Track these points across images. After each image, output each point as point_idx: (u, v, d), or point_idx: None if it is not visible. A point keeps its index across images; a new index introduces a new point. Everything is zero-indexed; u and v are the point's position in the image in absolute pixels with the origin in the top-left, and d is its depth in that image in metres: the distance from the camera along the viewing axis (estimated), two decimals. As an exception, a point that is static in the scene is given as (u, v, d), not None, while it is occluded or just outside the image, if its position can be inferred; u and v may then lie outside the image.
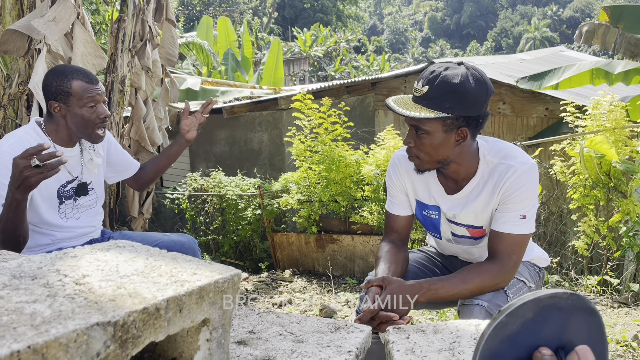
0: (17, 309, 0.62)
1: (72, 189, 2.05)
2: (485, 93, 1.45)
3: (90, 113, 1.93)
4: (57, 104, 1.91)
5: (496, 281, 1.47)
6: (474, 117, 1.46)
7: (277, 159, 7.01)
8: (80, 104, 1.91)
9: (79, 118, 1.93)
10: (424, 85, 1.44)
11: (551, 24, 44.45)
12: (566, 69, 5.27)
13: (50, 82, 1.91)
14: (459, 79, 1.40)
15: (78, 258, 0.83)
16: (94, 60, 3.50)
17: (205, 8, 29.25)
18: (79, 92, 1.90)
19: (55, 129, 1.97)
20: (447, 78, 1.41)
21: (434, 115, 1.42)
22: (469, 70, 1.44)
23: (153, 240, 2.15)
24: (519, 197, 1.49)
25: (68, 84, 1.89)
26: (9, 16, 3.62)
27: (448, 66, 1.44)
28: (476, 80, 1.42)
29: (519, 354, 0.58)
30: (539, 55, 11.33)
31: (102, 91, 1.96)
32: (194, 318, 0.76)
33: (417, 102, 1.46)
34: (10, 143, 1.86)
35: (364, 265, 4.65)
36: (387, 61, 26.94)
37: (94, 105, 1.93)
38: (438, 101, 1.42)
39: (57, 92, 1.89)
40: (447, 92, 1.41)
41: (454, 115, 1.42)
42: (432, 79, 1.43)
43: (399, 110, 1.45)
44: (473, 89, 1.41)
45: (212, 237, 5.66)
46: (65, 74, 1.91)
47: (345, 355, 0.97)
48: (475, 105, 1.44)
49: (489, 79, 1.47)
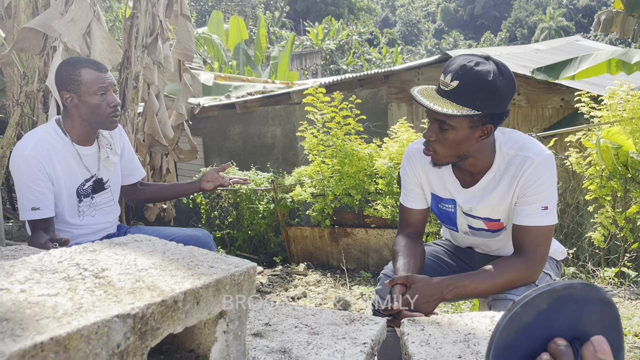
0: (40, 302, 0.64)
1: (89, 187, 2.08)
2: (512, 89, 1.42)
3: (100, 101, 1.95)
4: (69, 94, 1.94)
5: (526, 275, 1.45)
6: (499, 113, 1.44)
7: (290, 153, 7.03)
8: (90, 92, 1.93)
9: (90, 106, 1.95)
10: (452, 80, 1.40)
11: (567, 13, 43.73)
12: (582, 59, 5.18)
13: (61, 72, 1.95)
14: (492, 75, 1.37)
15: (97, 252, 0.85)
16: (110, 55, 3.55)
17: (217, 3, 29.29)
18: (88, 80, 1.93)
19: (72, 125, 2.00)
20: (479, 74, 1.37)
21: (464, 112, 1.38)
22: (499, 67, 1.40)
23: (169, 234, 2.17)
24: (538, 189, 1.47)
25: (77, 73, 1.92)
26: (23, 14, 3.66)
27: (478, 61, 1.40)
28: (505, 77, 1.40)
29: (533, 344, 0.58)
30: (554, 45, 11.17)
31: (111, 79, 1.98)
32: (211, 310, 0.77)
33: (445, 96, 1.42)
34: (33, 144, 1.90)
35: (378, 259, 4.65)
36: (400, 53, 26.78)
37: (104, 93, 1.96)
38: (469, 98, 1.38)
39: (68, 82, 1.93)
40: (479, 89, 1.37)
41: (483, 112, 1.40)
42: (463, 75, 1.38)
43: (427, 104, 1.42)
44: (503, 86, 1.39)
45: (226, 231, 5.70)
46: (75, 64, 1.95)
47: (360, 347, 0.98)
48: (503, 102, 1.42)
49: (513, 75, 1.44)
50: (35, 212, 1.89)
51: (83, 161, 2.05)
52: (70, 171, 2.01)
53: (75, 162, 2.02)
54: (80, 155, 2.03)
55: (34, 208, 1.88)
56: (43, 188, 1.90)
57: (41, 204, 1.90)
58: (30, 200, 1.88)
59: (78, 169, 2.03)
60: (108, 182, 2.16)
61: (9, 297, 0.64)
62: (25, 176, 1.87)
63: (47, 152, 1.92)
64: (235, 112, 7.15)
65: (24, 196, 1.89)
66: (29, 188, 1.87)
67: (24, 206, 1.90)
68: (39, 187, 1.89)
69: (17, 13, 3.67)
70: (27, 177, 1.87)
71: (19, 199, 1.91)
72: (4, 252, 1.34)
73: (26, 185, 1.88)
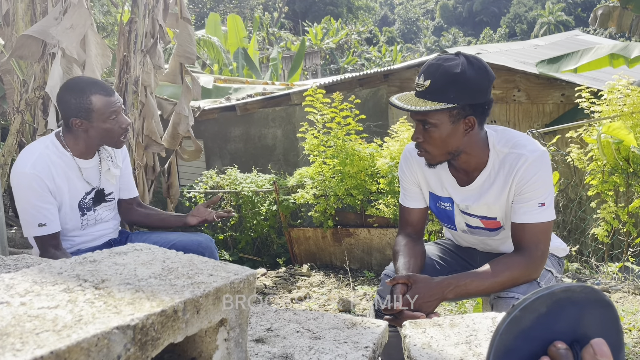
0: (40, 315, 0.64)
1: (90, 200, 2.08)
2: (487, 79, 1.45)
3: (113, 125, 1.95)
4: (79, 121, 1.91)
5: (527, 272, 1.46)
6: (480, 104, 1.46)
7: (291, 154, 7.03)
8: (103, 118, 1.92)
9: (102, 131, 1.94)
10: (425, 79, 1.44)
11: (566, 7, 43.62)
12: (584, 52, 5.19)
13: (68, 99, 1.90)
14: (460, 68, 1.41)
15: (97, 262, 0.85)
16: (102, 60, 3.58)
17: (216, 5, 29.31)
18: (100, 108, 1.90)
19: (74, 141, 1.99)
20: (447, 69, 1.42)
21: (439, 106, 1.42)
22: (468, 59, 1.44)
23: (171, 240, 2.17)
24: (534, 186, 1.48)
25: (88, 101, 1.89)
26: (21, 22, 3.67)
27: (447, 57, 1.45)
28: (476, 68, 1.43)
29: (533, 348, 0.58)
30: (554, 40, 11.16)
31: (120, 101, 1.98)
32: (211, 319, 0.77)
33: (421, 96, 1.46)
34: (33, 162, 1.87)
35: (381, 258, 4.65)
36: (399, 52, 26.78)
37: (115, 117, 1.95)
38: (442, 92, 1.42)
39: (78, 110, 1.89)
40: (449, 82, 1.41)
41: (459, 104, 1.43)
42: (433, 72, 1.43)
43: (403, 106, 1.46)
44: (474, 76, 1.42)
45: (229, 233, 5.70)
46: (84, 90, 1.90)
47: (362, 351, 0.98)
48: (479, 93, 1.44)
49: (488, 65, 1.48)
50: (42, 228, 1.87)
51: (83, 175, 2.03)
52: (71, 185, 1.99)
53: (76, 176, 2.01)
54: (80, 168, 2.02)
55: (40, 224, 1.86)
56: (47, 204, 1.89)
57: (47, 219, 1.88)
58: (35, 216, 1.86)
59: (79, 183, 2.02)
60: (111, 195, 2.16)
61: (9, 311, 0.64)
62: (29, 194, 1.85)
63: (48, 168, 1.90)
64: (236, 114, 7.16)
65: (28, 213, 1.87)
66: (34, 206, 1.86)
67: (28, 223, 1.87)
68: (43, 203, 1.87)
69: (15, 20, 3.68)
70: (30, 195, 1.85)
71: (22, 216, 1.89)
72: (6, 261, 1.34)
73: (30, 203, 1.86)
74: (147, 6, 4.24)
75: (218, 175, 5.91)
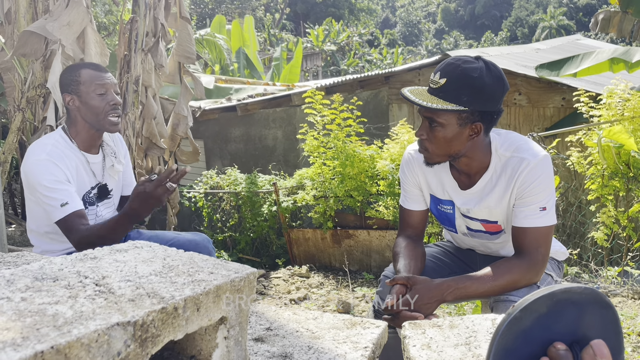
0: (40, 311, 0.64)
1: (94, 195, 2.08)
2: (501, 88, 1.44)
3: (100, 100, 1.95)
4: (70, 96, 1.95)
5: (528, 276, 1.45)
6: (489, 112, 1.45)
7: (291, 156, 7.03)
8: (89, 91, 1.94)
9: (90, 107, 1.95)
10: (441, 77, 1.43)
11: (567, 11, 43.64)
12: (584, 57, 5.19)
13: (62, 77, 2.00)
14: (478, 72, 1.40)
15: (98, 259, 0.85)
16: (101, 58, 3.61)
17: (218, 6, 29.32)
18: (87, 80, 1.94)
19: (77, 131, 2.01)
20: (465, 71, 1.40)
21: (450, 107, 1.41)
22: (487, 65, 1.43)
23: (168, 239, 2.16)
24: (536, 190, 1.47)
25: (77, 74, 1.95)
26: (23, 20, 3.68)
27: (466, 59, 1.44)
28: (493, 75, 1.42)
29: (533, 349, 0.58)
30: (555, 44, 11.16)
31: (111, 80, 1.99)
32: (211, 317, 0.77)
33: (434, 93, 1.45)
34: (47, 151, 1.88)
35: (380, 260, 4.64)
36: (400, 54, 26.80)
37: (103, 93, 1.96)
38: (455, 94, 1.41)
39: (69, 84, 1.95)
40: (465, 85, 1.40)
41: (470, 109, 1.42)
42: (450, 71, 1.42)
43: (415, 100, 1.45)
44: (491, 84, 1.41)
45: (228, 234, 5.70)
46: (76, 66, 2.01)
47: (361, 351, 0.98)
48: (492, 101, 1.43)
49: (504, 75, 1.47)
50: (65, 207, 1.82)
51: (91, 168, 2.05)
52: (79, 178, 2.00)
53: (84, 169, 2.02)
54: (88, 162, 2.03)
55: (63, 204, 1.82)
56: (65, 185, 1.86)
57: (69, 198, 1.84)
58: (56, 199, 1.82)
59: (86, 176, 2.03)
60: (112, 191, 2.17)
61: (10, 306, 0.64)
62: (46, 178, 1.82)
63: (61, 158, 1.90)
64: (236, 114, 7.17)
65: (48, 197, 1.82)
66: (53, 189, 1.82)
67: (51, 207, 1.82)
68: (61, 184, 1.84)
69: (16, 18, 3.68)
70: (48, 178, 1.82)
71: (44, 203, 1.84)
72: (5, 258, 1.34)
73: (48, 187, 1.82)
74: (148, 5, 4.24)
75: (218, 175, 5.91)
